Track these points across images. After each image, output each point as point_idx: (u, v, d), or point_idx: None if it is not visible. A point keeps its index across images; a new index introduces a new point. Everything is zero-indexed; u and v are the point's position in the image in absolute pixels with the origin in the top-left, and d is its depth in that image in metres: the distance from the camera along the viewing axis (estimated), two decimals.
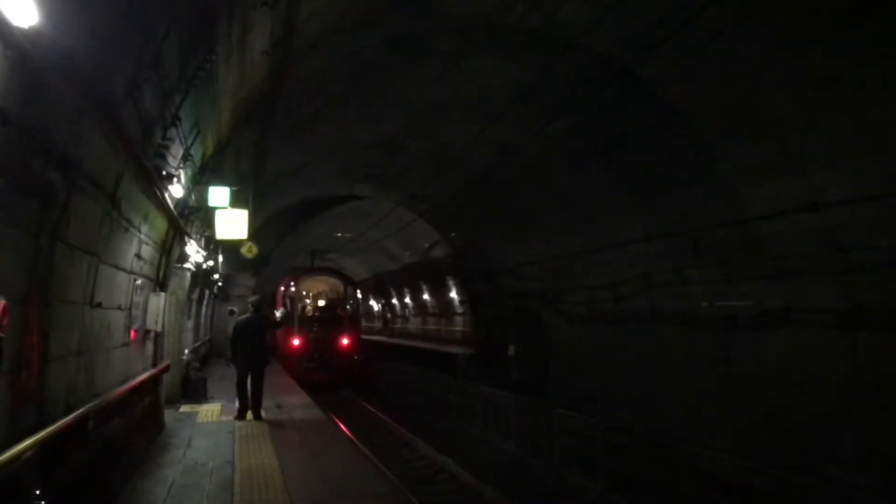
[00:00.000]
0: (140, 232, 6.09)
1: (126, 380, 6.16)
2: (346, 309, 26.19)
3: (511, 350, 18.35)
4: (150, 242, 6.74)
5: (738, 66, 8.41)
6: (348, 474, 6.57)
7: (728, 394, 10.79)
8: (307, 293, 29.34)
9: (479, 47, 10.44)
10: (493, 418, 13.45)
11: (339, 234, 27.81)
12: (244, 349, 10.00)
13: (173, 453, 7.34)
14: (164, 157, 5.77)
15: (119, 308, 5.77)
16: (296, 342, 22.45)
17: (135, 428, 6.68)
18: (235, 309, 20.20)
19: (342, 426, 14.00)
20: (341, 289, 27.43)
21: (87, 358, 4.70)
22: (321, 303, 28.84)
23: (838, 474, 7.94)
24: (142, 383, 6.72)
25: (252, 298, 10.54)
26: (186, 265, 11.20)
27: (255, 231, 19.16)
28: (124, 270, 5.79)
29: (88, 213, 4.25)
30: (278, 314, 13.82)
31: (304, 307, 26.86)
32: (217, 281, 19.51)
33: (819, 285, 8.96)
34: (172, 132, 5.70)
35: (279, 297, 24.97)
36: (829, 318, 8.74)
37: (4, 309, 2.62)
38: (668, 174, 11.00)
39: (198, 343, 16.77)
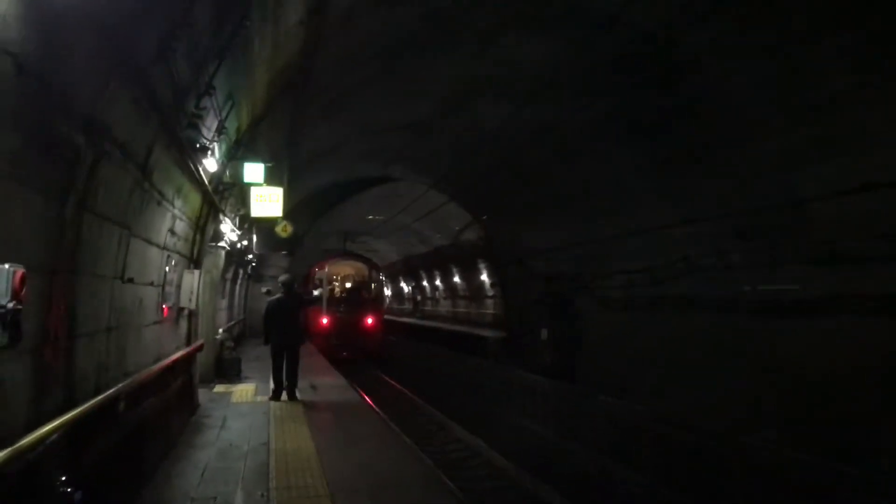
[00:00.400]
0: (174, 206, 5.88)
1: (159, 359, 5.98)
2: (370, 291, 28.23)
3: (543, 334, 18.05)
4: (183, 218, 6.55)
5: (791, 38, 7.92)
6: (385, 459, 6.34)
7: (771, 383, 10.38)
8: (336, 276, 30.84)
9: (517, 22, 10.05)
10: (529, 403, 13.14)
11: (371, 217, 27.77)
12: (278, 330, 9.81)
13: (207, 434, 7.19)
14: (197, 128, 5.53)
15: (152, 284, 5.58)
16: (324, 321, 23.92)
17: (168, 408, 6.52)
18: (270, 288, 20.49)
19: (377, 408, 13.87)
20: (366, 272, 29.60)
21: (118, 335, 4.51)
22: (348, 285, 30.46)
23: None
24: (175, 362, 6.54)
25: (282, 277, 10.25)
26: (221, 244, 11.07)
27: (290, 211, 19.11)
28: (157, 246, 5.59)
29: (118, 183, 4.03)
30: (316, 293, 13.86)
31: (332, 289, 28.05)
32: (251, 261, 19.50)
33: (872, 270, 8.50)
34: (206, 102, 5.45)
35: (311, 279, 26.23)
36: (882, 305, 8.28)
37: (23, 279, 2.37)
38: (711, 155, 10.58)
39: (232, 322, 16.74)
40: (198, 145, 5.92)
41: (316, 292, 16.08)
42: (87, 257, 3.61)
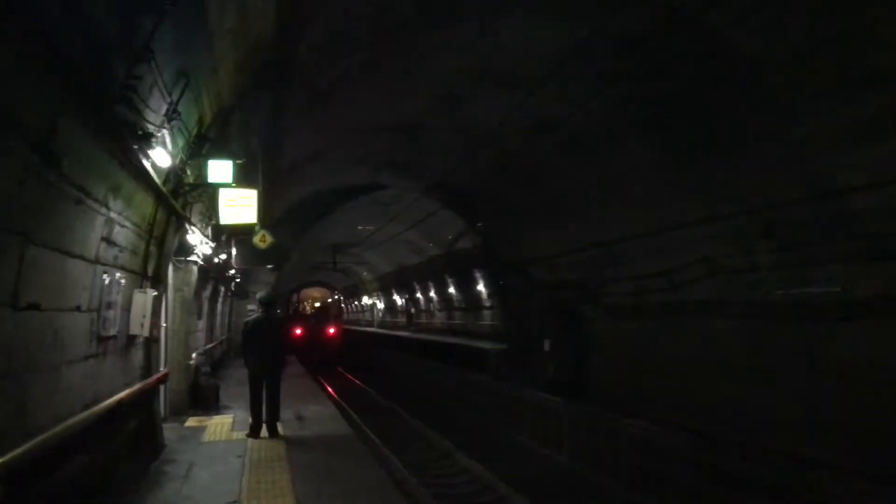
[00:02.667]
0: (108, 209, 4.62)
1: (96, 401, 4.71)
2: (332, 309, 40.03)
3: (547, 345, 16.94)
4: (127, 225, 5.28)
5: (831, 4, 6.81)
6: None
7: (810, 393, 9.27)
8: (307, 298, 42.95)
9: (517, 3, 8.92)
10: (541, 426, 11.89)
11: (361, 228, 26.70)
12: (255, 355, 8.45)
13: (165, 489, 5.88)
14: (132, 105, 4.28)
15: (78, 309, 4.31)
16: (298, 331, 32.60)
17: (113, 462, 5.23)
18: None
19: (377, 444, 12.60)
20: (329, 295, 42.44)
21: (12, 384, 3.24)
22: (317, 304, 42.15)
23: None
24: (122, 403, 5.27)
25: (261, 295, 8.87)
26: (192, 258, 9.81)
27: (275, 222, 17.87)
28: (85, 259, 4.32)
29: None
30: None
31: (304, 308, 40.34)
32: (234, 277, 18.21)
33: None
34: (144, 71, 4.20)
35: (291, 304, 36.48)
36: None
37: None
38: (734, 144, 9.50)
39: (211, 344, 15.40)
40: (140, 131, 4.67)
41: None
42: None
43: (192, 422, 9.47)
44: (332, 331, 34.49)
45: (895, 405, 7.83)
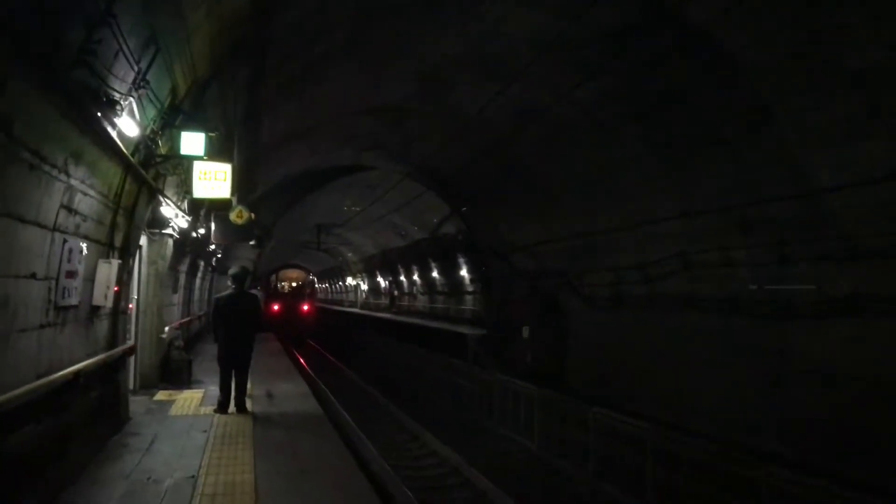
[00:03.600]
0: (69, 176, 4.52)
1: (49, 372, 4.64)
2: (306, 288, 46.41)
3: (525, 332, 17.00)
4: (92, 193, 5.19)
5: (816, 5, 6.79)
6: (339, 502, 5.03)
7: (781, 391, 9.38)
8: (285, 279, 48.61)
9: None
10: (511, 412, 11.92)
11: (346, 208, 26.57)
12: (226, 332, 8.34)
13: (124, 462, 5.83)
14: (93, 71, 4.18)
15: (34, 277, 4.23)
16: (276, 307, 37.24)
17: (67, 434, 5.16)
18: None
19: (348, 422, 12.60)
20: (304, 276, 48.89)
21: None
22: (293, 284, 47.59)
23: None
24: (80, 374, 5.20)
25: (232, 270, 8.71)
26: (167, 231, 9.70)
27: (256, 199, 17.70)
28: (41, 226, 4.24)
29: None
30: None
31: (282, 287, 45.95)
32: (214, 252, 18.08)
33: None
34: (105, 34, 4.10)
35: (270, 282, 41.43)
36: None
37: None
38: (714, 142, 9.56)
39: (187, 318, 15.30)
40: (104, 98, 4.58)
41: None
42: None
43: (161, 395, 9.41)
44: (306, 308, 40.77)
45: (868, 405, 7.92)
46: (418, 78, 12.17)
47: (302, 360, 23.88)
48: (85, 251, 5.28)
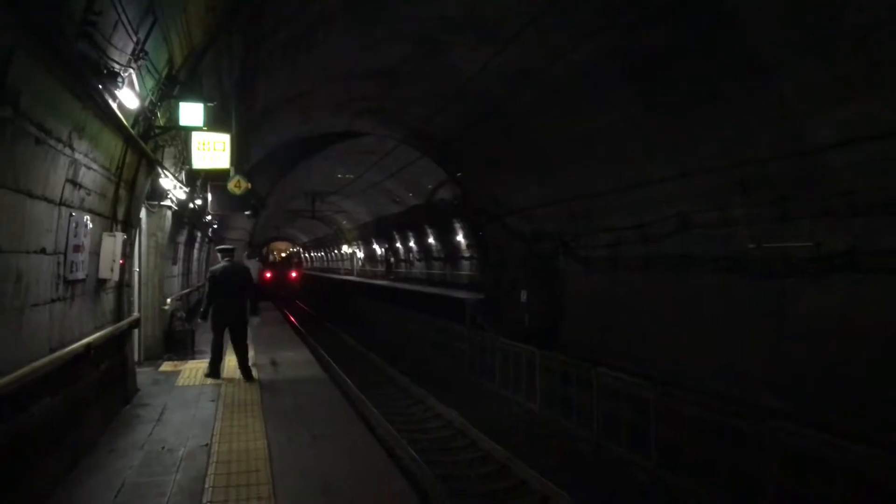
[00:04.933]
0: (73, 150, 4.50)
1: (62, 345, 4.67)
2: (293, 257, 55.03)
3: (523, 296, 17.06)
4: (95, 167, 5.16)
5: None
6: (354, 469, 5.09)
7: (778, 348, 9.49)
8: (276, 250, 56.55)
9: None
10: (513, 374, 12.07)
11: (340, 176, 26.43)
12: (220, 305, 8.57)
13: (137, 432, 5.91)
14: (94, 43, 4.14)
15: (44, 252, 4.24)
16: (269, 274, 42.70)
17: (81, 405, 5.23)
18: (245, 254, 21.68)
19: (351, 388, 12.73)
20: (292, 248, 58.65)
21: None
22: (283, 255, 56.22)
23: None
24: (89, 347, 5.24)
25: (220, 247, 9.10)
26: (165, 202, 9.67)
27: (250, 168, 17.59)
28: (48, 201, 4.23)
29: None
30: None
31: (274, 258, 53.54)
32: (211, 223, 18.04)
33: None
34: (105, 4, 4.04)
35: (263, 253, 46.25)
36: None
37: None
38: (712, 100, 9.50)
39: (187, 290, 15.33)
40: (104, 69, 4.53)
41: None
42: None
43: (166, 367, 9.48)
44: (294, 274, 47.76)
45: (862, 361, 8.05)
46: (414, 41, 12.01)
47: (302, 329, 24.01)
48: (90, 225, 5.29)
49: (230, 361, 9.30)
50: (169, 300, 10.72)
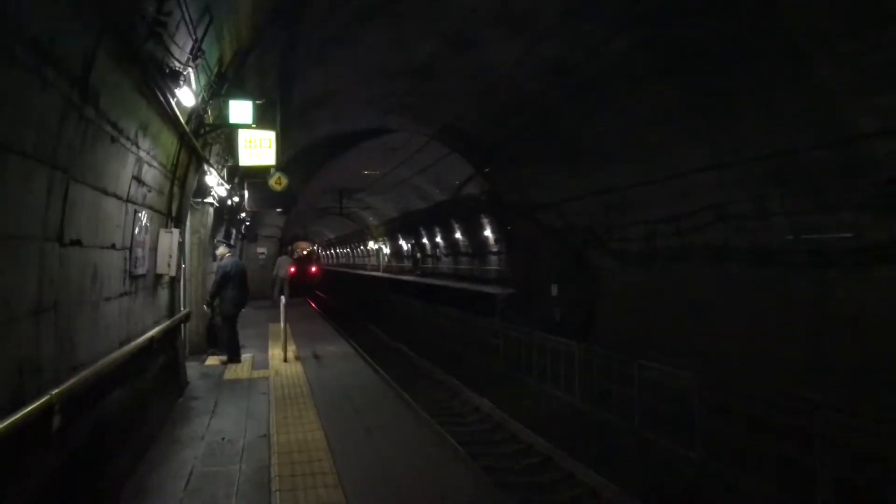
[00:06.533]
0: (138, 148, 4.62)
1: (129, 339, 4.81)
2: (313, 255, 63.74)
3: (554, 290, 17.04)
4: (155, 165, 5.29)
5: None
6: (412, 459, 5.17)
7: (819, 340, 9.38)
8: (298, 248, 61.64)
9: None
10: (550, 368, 12.09)
11: (367, 172, 26.54)
12: (237, 293, 9.64)
13: (195, 424, 6.06)
14: (162, 43, 4.24)
15: (113, 247, 4.36)
16: (292, 269, 38.92)
17: (144, 396, 5.37)
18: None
19: (394, 385, 12.81)
20: (312, 246, 66.12)
21: (59, 319, 3.31)
22: (304, 252, 63.30)
23: None
24: (152, 340, 5.38)
25: (225, 242, 10.44)
26: (208, 199, 9.83)
27: (283, 166, 17.76)
28: (118, 198, 4.35)
29: (33, 100, 2.77)
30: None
31: (297, 255, 58.17)
32: (244, 219, 18.25)
33: None
34: (172, 6, 4.15)
35: (292, 251, 48.94)
36: None
37: None
38: (748, 90, 9.38)
39: None
40: (167, 69, 4.64)
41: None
42: None
43: (212, 361, 9.67)
44: (313, 269, 52.61)
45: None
46: (446, 36, 12.05)
47: (335, 324, 24.20)
48: (150, 221, 5.42)
49: (275, 355, 9.43)
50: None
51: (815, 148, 8.97)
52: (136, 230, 4.97)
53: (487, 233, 24.52)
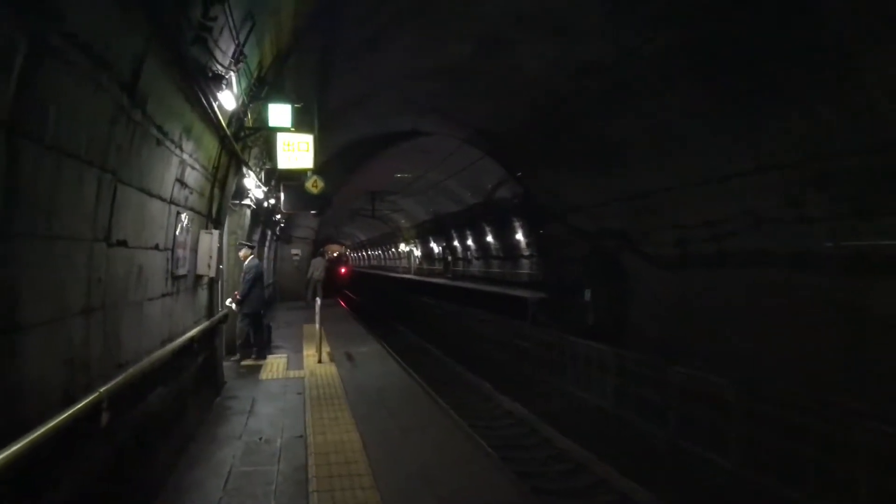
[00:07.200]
0: (182, 150, 4.70)
1: (170, 338, 4.89)
2: (343, 257, 68.32)
3: (587, 294, 16.90)
4: (197, 167, 5.38)
5: None
6: (449, 461, 5.17)
7: (857, 348, 9.14)
8: (328, 250, 63.27)
9: None
10: (583, 372, 12.00)
11: (400, 175, 26.67)
12: (261, 293, 10.29)
13: (233, 423, 6.14)
14: (206, 47, 4.32)
15: (157, 248, 4.45)
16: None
17: (184, 395, 5.46)
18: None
19: (427, 388, 12.85)
20: (342, 249, 70.06)
21: (106, 318, 3.39)
22: (335, 254, 66.60)
23: None
24: (192, 340, 5.46)
25: (249, 243, 10.74)
26: (245, 201, 9.97)
27: (318, 169, 17.94)
28: (162, 199, 4.43)
29: (87, 104, 2.84)
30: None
31: (329, 256, 57.59)
32: (279, 221, 18.47)
33: None
34: (218, 12, 4.21)
35: (324, 253, 45.80)
36: None
37: None
38: (785, 92, 9.15)
39: None
40: (210, 73, 4.72)
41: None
42: (29, 209, 2.42)
43: (247, 361, 9.77)
44: (343, 270, 55.07)
45: None
46: (480, 39, 12.04)
47: (366, 326, 24.34)
48: (191, 223, 5.51)
49: (309, 356, 9.52)
50: None
51: (857, 152, 8.78)
52: (178, 231, 5.05)
53: (519, 236, 24.42)
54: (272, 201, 12.39)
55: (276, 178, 12.00)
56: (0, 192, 2.15)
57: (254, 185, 9.15)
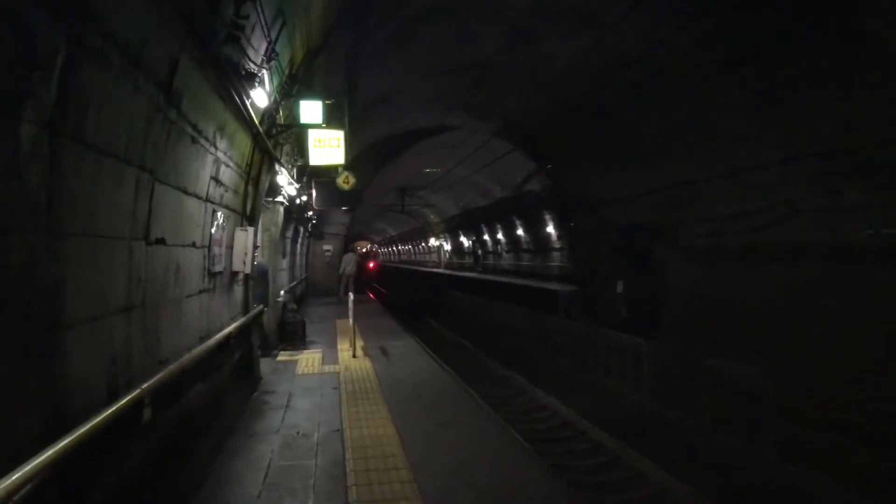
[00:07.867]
0: (216, 148, 4.75)
1: (208, 335, 4.95)
2: (371, 252, 71.06)
3: (619, 287, 16.72)
4: (231, 165, 5.43)
5: None
6: (487, 456, 5.13)
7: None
8: (359, 246, 62.04)
9: None
10: (617, 365, 11.88)
11: (429, 170, 26.68)
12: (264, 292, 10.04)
13: (270, 418, 6.20)
14: (239, 46, 4.34)
15: (193, 245, 4.50)
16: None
17: (222, 390, 5.53)
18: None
19: (461, 381, 12.86)
20: (370, 245, 71.64)
21: (145, 315, 3.43)
22: (363, 250, 65.44)
23: None
24: (229, 336, 5.53)
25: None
26: (279, 199, 10.06)
27: (348, 165, 18.05)
28: (197, 197, 4.48)
29: (124, 103, 2.87)
30: None
31: (358, 252, 53.88)
32: (311, 218, 18.62)
33: None
34: (249, 9, 4.24)
35: (354, 249, 44.86)
36: None
37: None
38: (821, 80, 8.90)
39: (294, 283, 15.92)
40: (243, 71, 4.75)
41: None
42: (71, 208, 2.46)
43: (283, 356, 9.87)
44: (371, 265, 56.42)
45: None
46: (508, 32, 11.96)
47: (398, 320, 24.45)
48: (226, 220, 5.56)
49: (343, 350, 9.58)
50: (282, 292, 11.14)
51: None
52: (214, 229, 5.11)
53: (550, 229, 24.29)
54: (304, 198, 12.47)
55: (308, 175, 12.08)
56: (43, 192, 2.19)
57: (286, 182, 9.22)
